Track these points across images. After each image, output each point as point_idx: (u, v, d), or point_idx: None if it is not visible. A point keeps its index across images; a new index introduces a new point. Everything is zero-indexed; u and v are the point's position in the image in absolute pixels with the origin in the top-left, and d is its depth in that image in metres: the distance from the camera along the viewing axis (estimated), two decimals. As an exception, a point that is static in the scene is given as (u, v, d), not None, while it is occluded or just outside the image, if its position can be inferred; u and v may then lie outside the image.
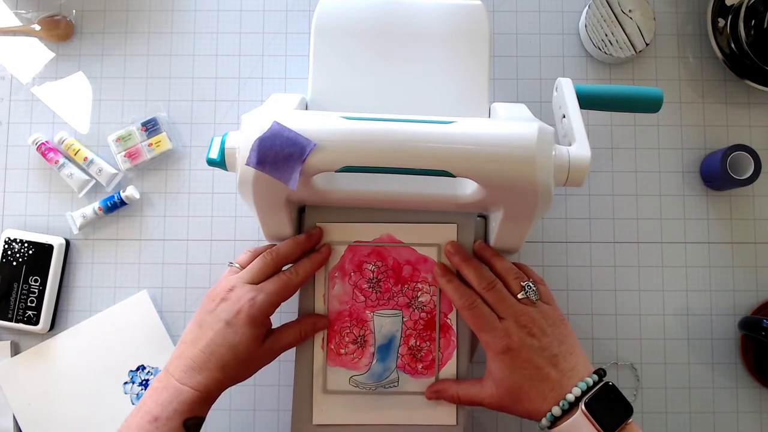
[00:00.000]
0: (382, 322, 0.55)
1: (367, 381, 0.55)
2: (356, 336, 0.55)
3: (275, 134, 0.47)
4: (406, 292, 0.55)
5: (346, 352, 0.55)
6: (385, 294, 0.55)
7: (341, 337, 0.55)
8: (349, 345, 0.55)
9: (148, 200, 0.70)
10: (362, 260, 0.55)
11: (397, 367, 0.55)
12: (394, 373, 0.55)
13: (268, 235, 0.56)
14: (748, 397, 0.68)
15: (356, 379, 0.55)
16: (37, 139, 0.69)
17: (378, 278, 0.55)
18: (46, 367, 0.67)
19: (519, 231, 0.53)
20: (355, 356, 0.55)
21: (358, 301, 0.55)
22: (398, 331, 0.55)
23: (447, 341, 0.55)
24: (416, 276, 0.55)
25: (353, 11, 0.58)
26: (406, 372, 0.55)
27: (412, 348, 0.55)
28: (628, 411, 0.48)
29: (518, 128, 0.48)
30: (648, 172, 0.70)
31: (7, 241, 0.68)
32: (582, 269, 0.69)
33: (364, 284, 0.55)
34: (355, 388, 0.55)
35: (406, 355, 0.55)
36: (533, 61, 0.71)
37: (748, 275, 0.69)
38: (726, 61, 0.69)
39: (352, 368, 0.55)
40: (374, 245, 0.55)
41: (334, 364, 0.55)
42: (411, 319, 0.55)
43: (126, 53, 0.72)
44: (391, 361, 0.55)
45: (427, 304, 0.55)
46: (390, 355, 0.55)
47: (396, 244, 0.55)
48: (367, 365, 0.55)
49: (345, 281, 0.55)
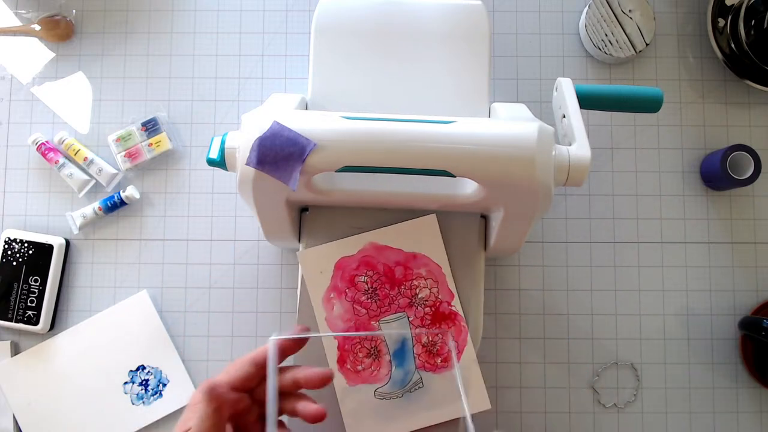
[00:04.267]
0: (390, 329, 0.54)
1: (391, 390, 0.54)
2: (369, 349, 0.54)
3: (275, 134, 0.47)
4: (405, 292, 0.55)
5: (363, 368, 0.54)
6: (385, 300, 0.55)
7: (354, 354, 0.54)
8: (364, 360, 0.54)
9: (148, 200, 0.70)
10: (352, 274, 0.55)
11: (417, 368, 0.54)
12: (415, 375, 0.54)
13: (269, 235, 0.56)
14: (748, 397, 0.68)
15: (381, 391, 0.54)
16: (37, 139, 0.69)
17: (373, 287, 0.55)
18: (46, 367, 0.67)
19: (519, 231, 0.53)
20: (373, 369, 0.54)
21: (360, 315, 0.55)
22: (408, 332, 0.55)
23: (458, 328, 0.54)
24: (409, 274, 0.55)
25: (353, 11, 0.58)
26: (427, 370, 0.54)
27: (426, 345, 0.55)
28: None
29: (518, 128, 0.48)
30: (648, 172, 0.70)
31: (7, 241, 0.68)
32: (582, 269, 0.69)
33: (361, 297, 0.55)
34: (381, 401, 0.54)
35: (422, 354, 0.54)
36: (533, 61, 0.71)
37: (748, 275, 0.69)
38: (726, 61, 0.69)
39: (373, 382, 0.54)
40: (360, 258, 0.54)
41: (355, 383, 0.54)
42: (417, 317, 0.55)
43: (126, 53, 0.72)
44: (409, 364, 0.54)
45: (428, 299, 0.55)
46: (407, 358, 0.54)
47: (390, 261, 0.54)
48: (387, 374, 0.54)
49: (342, 299, 0.55)
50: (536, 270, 0.69)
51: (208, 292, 0.69)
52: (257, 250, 0.69)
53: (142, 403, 0.66)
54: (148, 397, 0.67)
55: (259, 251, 0.69)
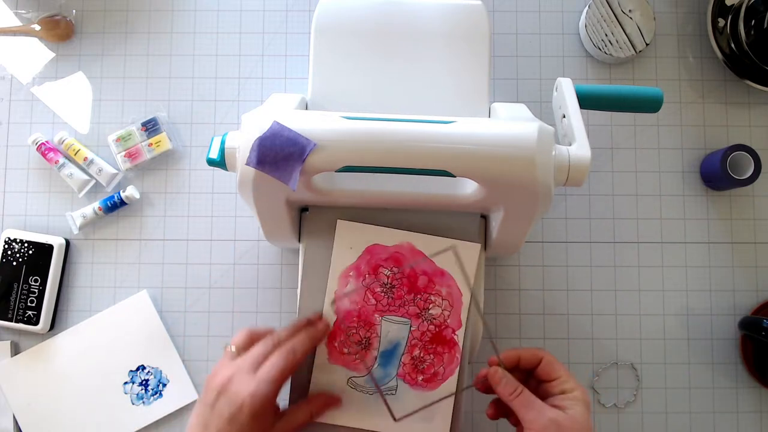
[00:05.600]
0: (389, 328, 0.55)
1: (365, 384, 0.55)
2: (362, 338, 0.55)
3: (275, 134, 0.47)
4: (418, 302, 0.55)
5: (349, 352, 0.55)
6: (397, 300, 0.55)
7: (347, 336, 0.55)
8: (353, 345, 0.55)
9: (148, 200, 0.70)
10: (379, 264, 0.55)
11: (398, 375, 0.55)
12: (393, 381, 0.55)
13: (269, 235, 0.56)
14: (748, 397, 0.68)
15: (355, 380, 0.55)
16: (37, 139, 0.69)
17: (392, 284, 0.55)
18: (46, 367, 0.67)
19: (519, 231, 0.53)
20: (358, 357, 0.55)
21: (368, 304, 0.55)
22: (404, 339, 0.55)
23: (451, 357, 0.55)
24: (431, 288, 0.55)
25: (353, 11, 0.58)
26: (406, 381, 0.55)
27: (415, 358, 0.55)
28: None
29: (518, 128, 0.48)
30: (648, 172, 0.70)
31: (7, 241, 0.68)
32: (582, 269, 0.69)
33: (377, 288, 0.55)
34: (352, 390, 0.55)
35: (408, 365, 0.55)
36: (533, 61, 0.71)
37: (748, 275, 0.69)
38: (726, 61, 0.69)
39: (352, 369, 0.55)
40: (393, 251, 0.55)
41: (336, 362, 0.55)
42: (419, 330, 0.55)
43: (126, 53, 0.72)
44: (392, 368, 0.55)
45: (437, 317, 0.55)
46: (392, 361, 0.55)
47: (414, 263, 0.54)
48: (368, 368, 0.55)
49: (359, 282, 0.55)
50: (536, 270, 0.69)
51: (208, 292, 0.69)
52: (257, 250, 0.69)
53: (142, 403, 0.66)
54: (148, 397, 0.67)
55: (259, 251, 0.69)
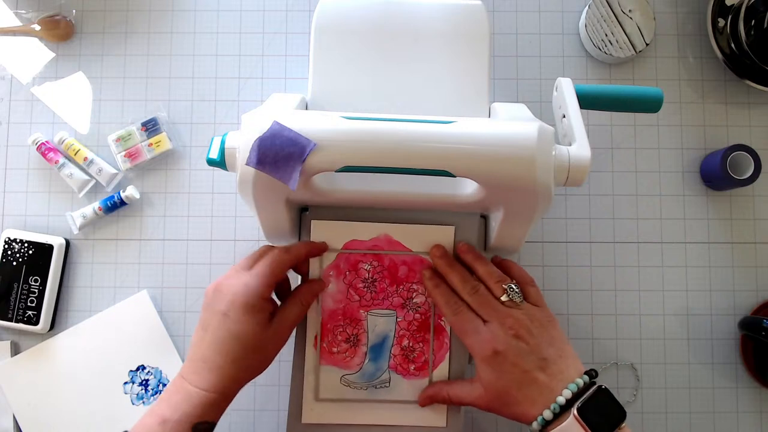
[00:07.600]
0: (376, 322, 0.55)
1: (358, 380, 0.55)
2: (349, 335, 0.55)
3: (275, 134, 0.47)
4: (401, 292, 0.55)
5: (338, 350, 0.55)
6: (380, 294, 0.55)
7: (334, 335, 0.55)
8: (341, 344, 0.55)
9: (148, 200, 0.70)
10: (358, 259, 0.55)
11: (389, 367, 0.55)
12: (385, 374, 0.55)
13: (268, 235, 0.56)
14: (748, 397, 0.68)
15: (347, 378, 0.55)
16: (37, 139, 0.69)
17: (373, 278, 0.55)
18: (46, 367, 0.67)
19: (519, 231, 0.53)
20: (347, 355, 0.55)
21: (352, 300, 0.55)
22: (392, 331, 0.55)
23: (440, 343, 0.55)
24: (412, 277, 0.55)
25: (353, 11, 0.58)
26: (398, 372, 0.55)
27: (404, 349, 0.55)
28: (621, 414, 0.47)
29: (518, 128, 0.48)
30: (648, 172, 0.70)
31: (7, 241, 0.68)
32: (582, 269, 0.69)
33: (359, 283, 0.55)
34: (346, 387, 0.55)
35: (398, 356, 0.55)
36: (533, 61, 0.71)
37: (748, 275, 0.69)
38: (726, 61, 0.69)
39: (344, 367, 0.55)
40: (371, 245, 0.55)
41: (326, 362, 0.55)
42: (405, 320, 0.55)
43: (126, 53, 0.72)
44: (383, 361, 0.55)
45: (421, 306, 0.55)
46: (382, 355, 0.55)
47: (392, 252, 0.55)
48: (359, 364, 0.55)
49: (340, 280, 0.55)
50: (536, 270, 0.69)
51: (208, 292, 0.69)
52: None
53: (142, 403, 0.66)
54: (148, 397, 0.67)
55: (259, 251, 0.69)
